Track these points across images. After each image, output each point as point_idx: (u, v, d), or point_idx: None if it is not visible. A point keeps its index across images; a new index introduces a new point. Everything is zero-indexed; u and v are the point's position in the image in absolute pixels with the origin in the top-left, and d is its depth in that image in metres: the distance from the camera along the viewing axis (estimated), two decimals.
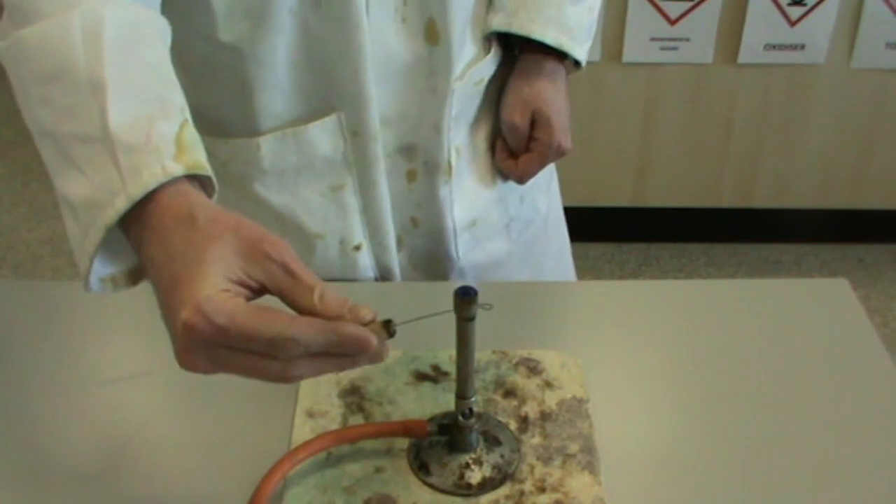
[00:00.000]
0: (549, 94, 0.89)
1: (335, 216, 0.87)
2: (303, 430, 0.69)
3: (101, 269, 0.61)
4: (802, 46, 2.22)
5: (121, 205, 0.55)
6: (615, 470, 0.67)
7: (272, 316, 0.52)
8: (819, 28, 2.19)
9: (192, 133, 0.59)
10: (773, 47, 2.22)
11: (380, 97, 0.82)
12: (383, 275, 0.91)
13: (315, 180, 0.85)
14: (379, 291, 0.89)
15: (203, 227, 0.54)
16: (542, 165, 0.91)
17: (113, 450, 0.69)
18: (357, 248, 0.88)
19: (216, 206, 0.57)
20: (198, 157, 0.58)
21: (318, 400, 0.72)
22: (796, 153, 2.38)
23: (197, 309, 0.51)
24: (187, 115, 0.60)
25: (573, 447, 0.68)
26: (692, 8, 2.18)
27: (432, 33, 0.82)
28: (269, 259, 0.54)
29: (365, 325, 0.54)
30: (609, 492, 0.65)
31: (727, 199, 2.46)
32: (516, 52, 0.91)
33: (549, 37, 0.86)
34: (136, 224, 0.56)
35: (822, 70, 2.26)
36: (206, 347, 0.52)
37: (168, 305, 0.54)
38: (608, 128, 2.34)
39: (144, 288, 0.94)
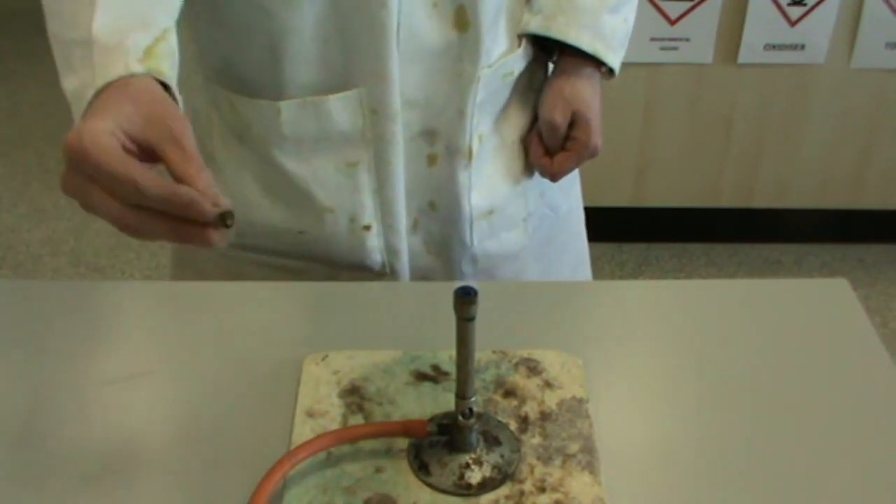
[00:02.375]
0: (588, 95, 0.91)
1: (347, 192, 0.88)
2: (303, 430, 0.69)
3: None
4: (802, 46, 2.22)
5: (89, 94, 0.64)
6: (615, 470, 0.67)
7: (132, 163, 0.58)
8: (819, 28, 2.20)
9: (166, 48, 0.66)
10: (773, 47, 2.22)
11: (407, 79, 0.83)
12: (391, 258, 0.91)
13: (331, 153, 0.86)
14: (383, 291, 0.89)
15: (134, 88, 0.63)
16: (576, 164, 0.93)
17: (113, 450, 0.69)
18: (366, 227, 0.89)
19: (152, 87, 0.63)
20: (161, 65, 0.65)
21: (318, 400, 0.72)
22: (796, 153, 2.38)
23: (78, 134, 0.58)
24: (169, 37, 0.68)
25: (573, 447, 0.68)
26: (692, 8, 2.18)
27: (462, 20, 0.83)
28: (168, 129, 0.60)
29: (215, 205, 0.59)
30: (609, 492, 0.65)
31: (727, 199, 2.46)
32: (554, 56, 0.93)
33: (585, 43, 0.88)
34: None
35: (822, 70, 2.26)
36: (76, 171, 0.59)
37: None
38: (608, 128, 2.32)
39: (143, 289, 0.94)
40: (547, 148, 0.93)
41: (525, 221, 0.96)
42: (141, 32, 0.66)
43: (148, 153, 0.60)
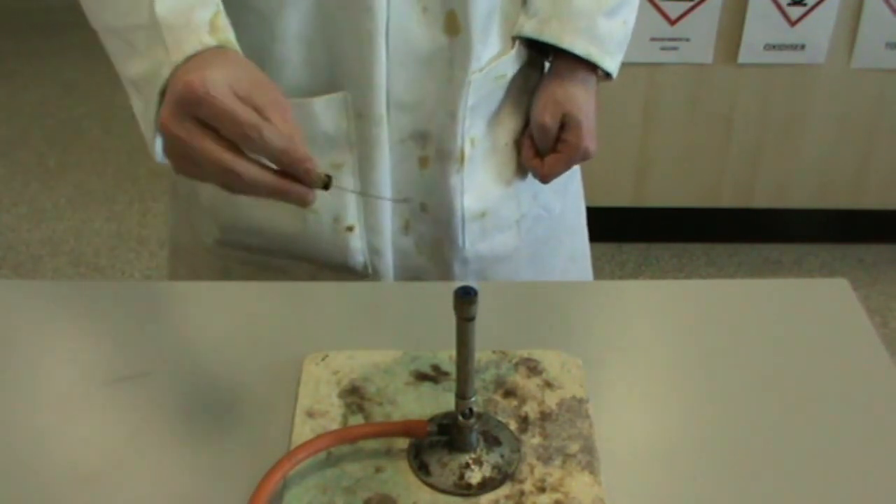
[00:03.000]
0: (581, 98, 0.90)
1: (331, 194, 0.87)
2: (303, 430, 0.69)
3: (160, 146, 0.70)
4: (802, 46, 2.22)
5: (166, 72, 0.67)
6: (615, 470, 0.67)
7: (254, 112, 0.62)
8: (819, 28, 2.20)
9: (224, 20, 0.70)
10: (773, 47, 2.22)
11: (396, 83, 0.83)
12: (373, 259, 0.91)
13: (316, 155, 0.85)
14: (383, 291, 0.89)
15: (231, 54, 0.68)
16: (567, 167, 0.92)
17: (113, 450, 0.69)
18: (349, 228, 0.89)
19: (242, 57, 0.68)
20: (229, 36, 0.69)
21: (318, 400, 0.72)
22: (796, 153, 2.39)
23: (202, 78, 0.61)
24: (222, 9, 0.71)
25: (573, 447, 0.68)
26: (692, 8, 2.18)
27: (452, 25, 0.83)
28: (274, 98, 0.64)
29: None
30: (609, 492, 0.65)
31: (727, 199, 2.46)
32: (549, 59, 0.93)
33: (578, 47, 0.88)
34: (170, 84, 0.66)
35: (822, 70, 2.26)
36: (188, 113, 0.62)
37: (175, 84, 0.64)
38: (608, 128, 2.34)
39: (143, 288, 0.94)
40: (538, 150, 0.93)
41: (518, 223, 0.96)
42: (201, 8, 0.69)
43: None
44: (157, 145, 0.70)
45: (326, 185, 0.64)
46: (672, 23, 2.20)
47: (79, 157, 2.96)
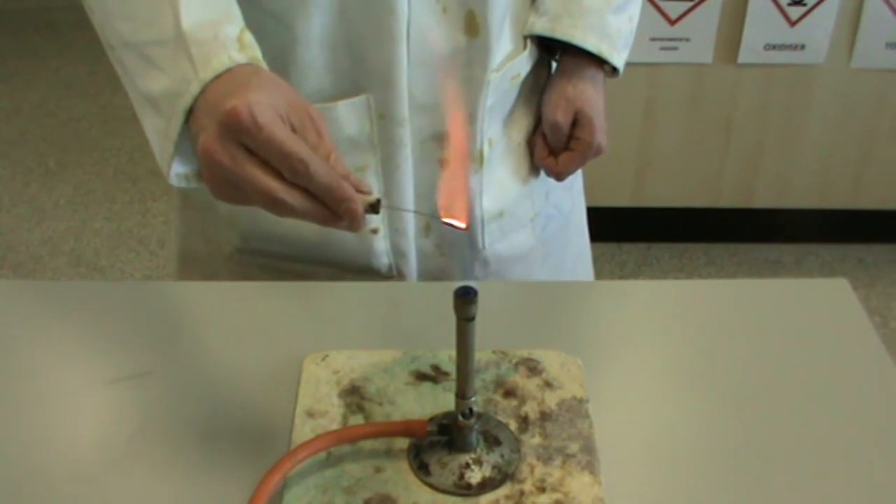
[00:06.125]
0: (591, 95, 0.91)
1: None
2: (303, 430, 0.69)
3: (176, 167, 0.69)
4: (802, 46, 2.22)
5: (195, 89, 0.64)
6: (615, 470, 0.67)
7: (302, 143, 0.60)
8: (819, 28, 2.20)
9: (250, 37, 0.68)
10: (773, 47, 2.22)
11: (416, 84, 0.83)
12: (398, 261, 0.91)
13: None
14: (383, 291, 0.89)
15: (265, 73, 0.66)
16: (581, 164, 0.93)
17: (113, 450, 0.69)
18: (374, 231, 0.89)
19: (275, 75, 0.66)
20: (256, 53, 0.68)
21: (318, 400, 0.72)
22: (796, 153, 2.38)
23: (246, 103, 0.59)
24: (244, 24, 0.69)
25: (573, 447, 0.68)
26: (692, 8, 2.18)
27: (472, 25, 0.83)
28: (308, 115, 0.63)
29: (359, 191, 0.62)
30: (609, 492, 0.65)
31: (727, 199, 2.46)
32: (557, 56, 0.93)
33: (590, 43, 0.88)
34: (202, 103, 0.64)
35: (822, 70, 2.26)
36: (233, 140, 0.60)
37: (216, 107, 0.62)
38: (608, 127, 2.34)
39: (143, 289, 0.94)
40: (551, 148, 0.93)
41: (532, 222, 0.97)
42: (228, 24, 0.67)
43: None
44: (172, 175, 0.68)
45: (376, 209, 0.63)
46: (672, 23, 2.20)
47: (79, 157, 2.96)
